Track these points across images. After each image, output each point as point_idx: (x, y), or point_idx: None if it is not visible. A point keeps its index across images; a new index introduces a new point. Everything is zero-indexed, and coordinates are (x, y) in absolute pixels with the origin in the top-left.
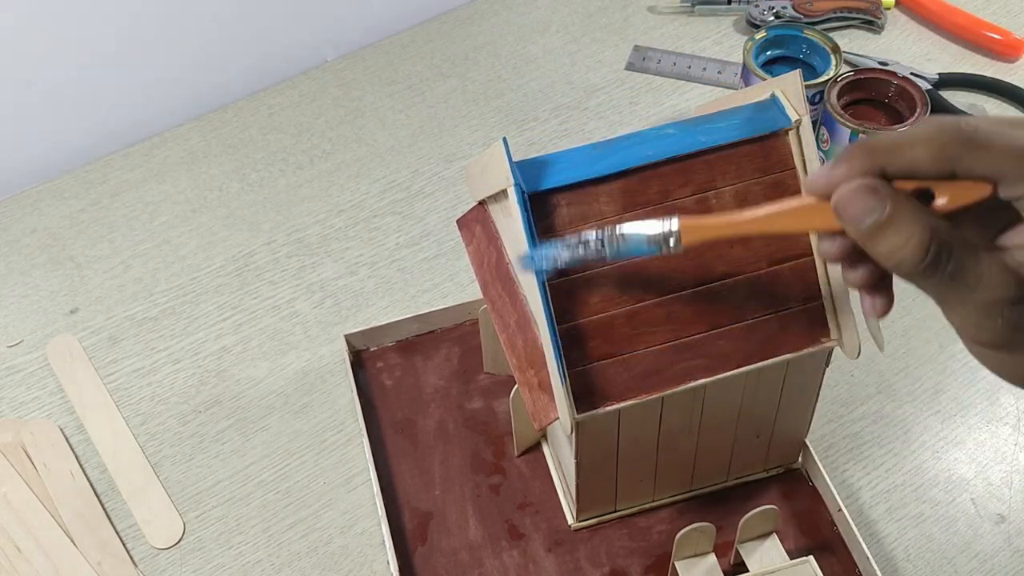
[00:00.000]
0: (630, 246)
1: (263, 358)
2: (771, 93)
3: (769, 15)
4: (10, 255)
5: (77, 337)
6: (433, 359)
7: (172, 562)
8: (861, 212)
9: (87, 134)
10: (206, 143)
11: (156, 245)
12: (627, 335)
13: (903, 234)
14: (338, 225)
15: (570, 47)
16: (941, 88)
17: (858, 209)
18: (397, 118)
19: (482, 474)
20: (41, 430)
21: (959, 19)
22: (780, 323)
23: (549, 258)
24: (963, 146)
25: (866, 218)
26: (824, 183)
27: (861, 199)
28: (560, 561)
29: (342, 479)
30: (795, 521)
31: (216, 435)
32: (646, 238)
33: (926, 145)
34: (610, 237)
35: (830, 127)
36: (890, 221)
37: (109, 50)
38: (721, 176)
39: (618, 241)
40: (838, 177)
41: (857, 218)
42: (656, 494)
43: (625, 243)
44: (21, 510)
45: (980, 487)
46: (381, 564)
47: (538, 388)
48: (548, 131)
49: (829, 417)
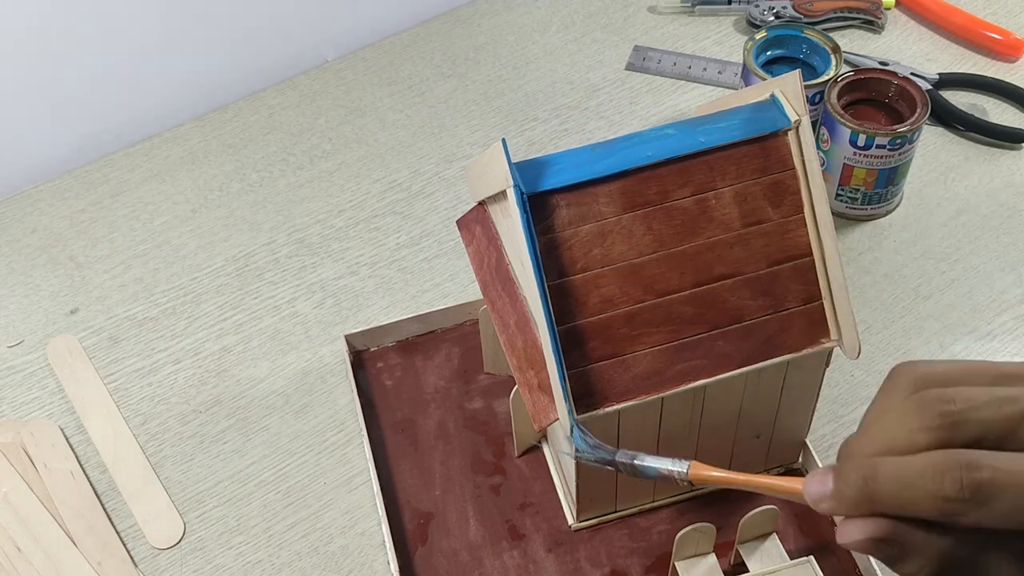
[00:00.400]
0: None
1: (263, 358)
2: (771, 93)
3: (769, 15)
4: (10, 255)
5: (77, 337)
6: (433, 359)
7: (172, 562)
8: (870, 552)
9: (87, 134)
10: (206, 143)
11: (156, 245)
12: (627, 336)
13: (914, 566)
14: (338, 225)
15: (570, 47)
16: (941, 88)
17: (868, 552)
18: (397, 118)
19: (482, 474)
20: (41, 430)
21: (959, 19)
22: (780, 323)
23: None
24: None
25: (876, 554)
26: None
27: (870, 548)
28: (560, 561)
29: (342, 479)
30: (795, 521)
31: (216, 435)
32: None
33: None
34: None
35: (830, 127)
36: (900, 557)
37: (108, 50)
38: (721, 176)
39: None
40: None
41: (867, 553)
42: (656, 494)
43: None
44: (21, 510)
45: None
46: (381, 564)
47: (538, 389)
48: (548, 131)
49: (829, 417)
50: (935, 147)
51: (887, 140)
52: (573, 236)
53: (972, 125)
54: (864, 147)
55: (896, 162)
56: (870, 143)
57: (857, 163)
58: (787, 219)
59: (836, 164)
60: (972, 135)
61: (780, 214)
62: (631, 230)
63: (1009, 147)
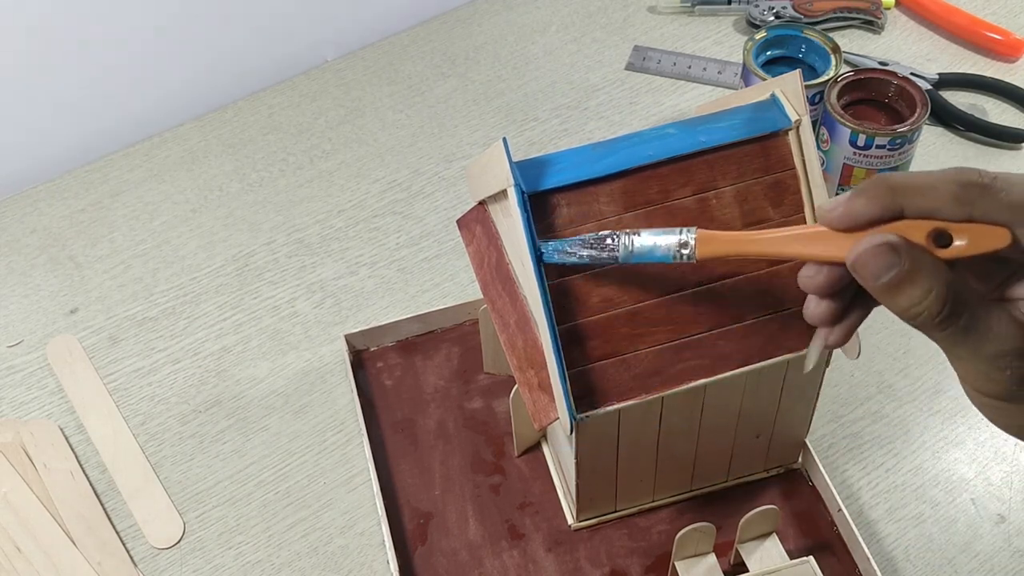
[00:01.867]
0: (644, 250)
1: (263, 358)
2: (771, 93)
3: (769, 15)
4: (10, 255)
5: (77, 337)
6: (433, 359)
7: (172, 562)
8: (879, 269)
9: (87, 134)
10: (206, 143)
11: (156, 245)
12: (627, 335)
13: (921, 289)
14: (338, 225)
15: (570, 47)
16: (941, 88)
17: (877, 266)
18: (397, 118)
19: (482, 474)
20: (41, 430)
21: (959, 19)
22: (780, 323)
23: (561, 252)
24: (982, 190)
25: (884, 275)
26: (840, 214)
27: (880, 256)
28: (560, 561)
29: (342, 479)
30: (795, 521)
31: (216, 435)
32: (662, 245)
33: (946, 187)
34: (625, 239)
35: (830, 127)
36: (909, 277)
37: (108, 51)
38: (721, 176)
39: (632, 243)
40: (857, 210)
41: (875, 275)
42: (656, 494)
43: (639, 246)
44: (21, 510)
45: (980, 487)
46: (381, 564)
47: (538, 388)
48: (548, 131)
49: (829, 417)
50: (935, 147)
51: (887, 140)
52: (574, 235)
53: (972, 125)
54: (864, 147)
55: (896, 162)
56: (870, 143)
57: (857, 163)
58: (787, 219)
59: (836, 164)
60: (972, 135)
61: (780, 214)
62: None
63: (1009, 147)
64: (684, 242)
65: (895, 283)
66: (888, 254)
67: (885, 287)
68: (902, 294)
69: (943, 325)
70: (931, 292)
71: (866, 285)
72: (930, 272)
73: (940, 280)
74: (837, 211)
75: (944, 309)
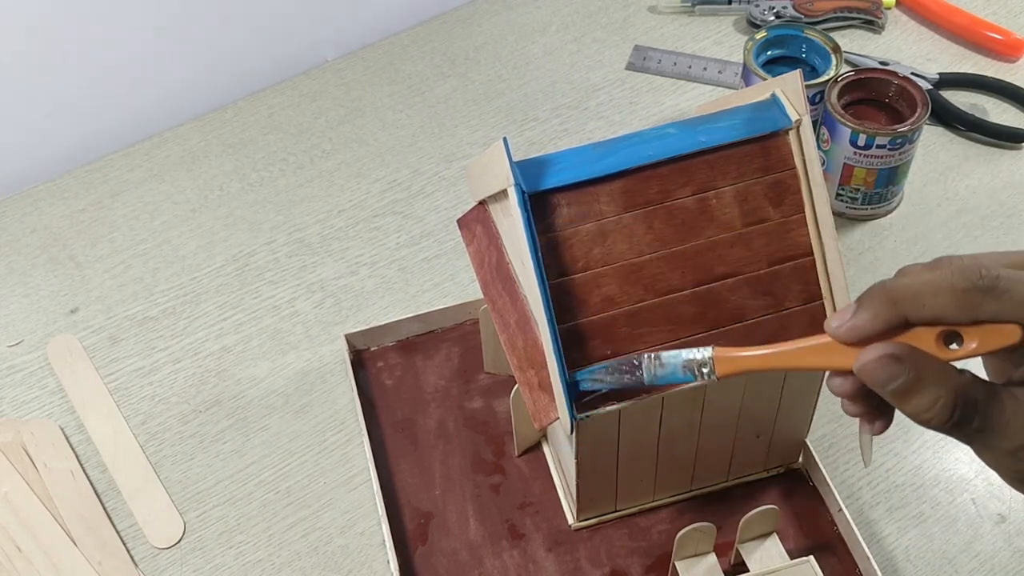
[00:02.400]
0: (667, 372)
1: (263, 358)
2: (771, 93)
3: (769, 15)
4: (10, 255)
5: (77, 337)
6: (433, 359)
7: (172, 562)
8: (885, 379)
9: (87, 134)
10: (206, 143)
11: (156, 245)
12: (627, 335)
13: (928, 398)
14: (338, 225)
15: (570, 47)
16: (941, 88)
17: (881, 377)
18: (397, 118)
19: (482, 474)
20: (41, 430)
21: (959, 19)
22: (781, 323)
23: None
24: (985, 295)
25: (890, 383)
26: (846, 331)
27: (883, 368)
28: (560, 561)
29: (342, 479)
30: (795, 521)
31: (216, 435)
32: (682, 364)
33: (949, 295)
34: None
35: (830, 127)
36: (914, 386)
37: (108, 51)
38: (722, 176)
39: (655, 367)
40: (860, 328)
41: (882, 384)
42: (656, 494)
43: (662, 368)
44: (21, 510)
45: (980, 487)
46: (381, 564)
47: (538, 388)
48: (548, 131)
49: (829, 417)
50: (935, 147)
51: (887, 140)
52: (574, 235)
53: (972, 125)
54: (864, 147)
55: (896, 162)
56: (870, 143)
57: (857, 163)
58: (788, 219)
59: (836, 164)
60: (972, 135)
61: (781, 214)
62: (632, 229)
63: (1009, 147)
64: (703, 361)
65: (901, 392)
66: (892, 365)
67: (892, 395)
68: (909, 403)
69: (956, 429)
70: (939, 400)
71: (876, 392)
72: (936, 379)
73: (947, 387)
74: (843, 328)
75: (953, 415)
